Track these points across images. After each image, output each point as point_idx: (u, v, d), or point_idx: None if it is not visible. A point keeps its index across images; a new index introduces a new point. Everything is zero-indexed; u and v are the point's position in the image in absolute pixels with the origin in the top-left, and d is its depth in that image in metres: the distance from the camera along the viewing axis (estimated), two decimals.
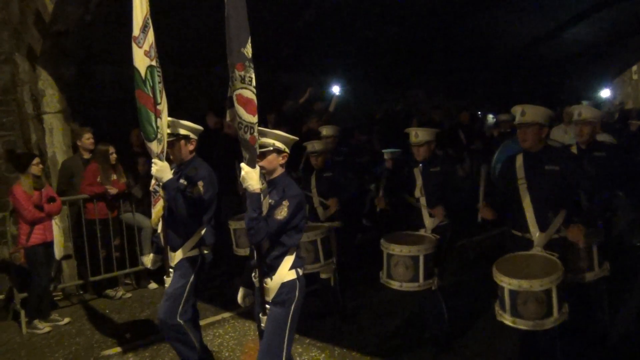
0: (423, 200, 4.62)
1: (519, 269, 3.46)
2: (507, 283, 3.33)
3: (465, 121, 10.21)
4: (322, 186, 5.33)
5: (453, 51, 10.99)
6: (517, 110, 3.84)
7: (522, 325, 3.34)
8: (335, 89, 9.21)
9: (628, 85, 19.82)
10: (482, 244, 7.52)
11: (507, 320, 3.39)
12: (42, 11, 6.15)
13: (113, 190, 6.33)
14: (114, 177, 6.41)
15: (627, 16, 12.17)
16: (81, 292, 6.61)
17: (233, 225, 5.39)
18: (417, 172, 4.70)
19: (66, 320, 5.75)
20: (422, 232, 4.58)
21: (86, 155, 6.51)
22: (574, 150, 4.88)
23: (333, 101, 8.95)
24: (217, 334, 5.23)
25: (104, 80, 7.26)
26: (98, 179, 6.27)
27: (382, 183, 5.04)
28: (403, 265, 4.22)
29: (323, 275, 5.22)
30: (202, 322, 5.40)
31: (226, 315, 5.64)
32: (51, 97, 6.71)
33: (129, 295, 6.53)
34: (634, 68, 19.16)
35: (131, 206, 6.63)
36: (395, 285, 4.30)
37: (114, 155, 6.39)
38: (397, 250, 4.24)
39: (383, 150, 7.94)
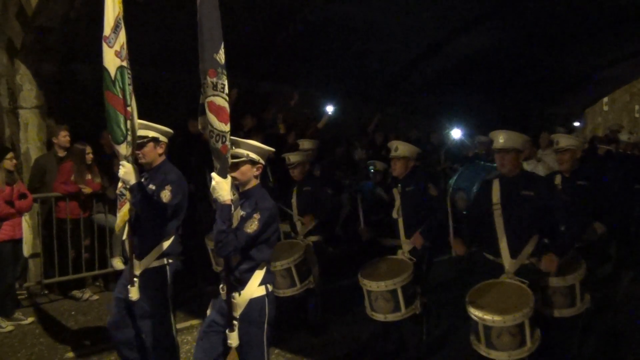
0: (401, 222, 4.65)
1: (492, 302, 3.52)
2: (480, 318, 3.41)
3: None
4: (302, 200, 5.35)
5: (436, 70, 11.19)
6: (495, 135, 3.91)
7: (496, 356, 3.41)
8: (329, 108, 9.24)
9: (599, 116, 20.39)
10: (455, 264, 7.57)
11: (483, 351, 3.48)
12: (24, 5, 6.07)
13: (87, 190, 6.24)
14: (89, 176, 6.32)
15: (603, 49, 12.60)
16: (46, 292, 6.45)
17: (211, 244, 5.37)
18: (396, 192, 4.74)
19: (30, 319, 5.62)
20: (399, 254, 4.61)
21: (61, 153, 6.41)
22: (559, 179, 4.91)
23: (324, 118, 9.00)
24: (186, 340, 5.17)
25: (85, 79, 7.15)
26: (72, 178, 6.18)
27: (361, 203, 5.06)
28: (382, 299, 4.27)
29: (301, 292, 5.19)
30: None
31: (195, 322, 5.57)
32: (29, 92, 6.59)
33: (96, 297, 6.40)
34: (605, 100, 19.74)
35: (104, 207, 6.53)
36: (380, 317, 4.36)
37: (90, 156, 6.31)
38: (375, 286, 4.28)
39: (369, 162, 7.94)
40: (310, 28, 8.56)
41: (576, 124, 13.41)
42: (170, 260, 3.85)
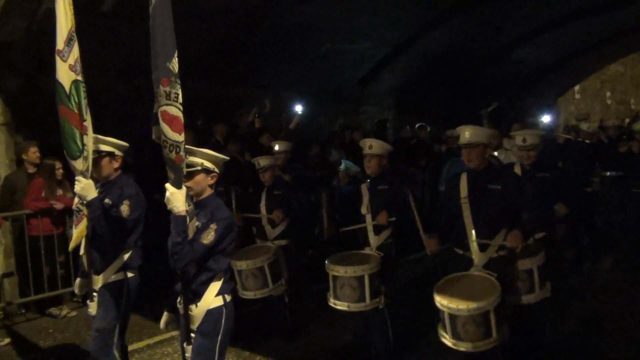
0: (369, 218, 4.64)
1: (458, 292, 3.54)
2: (446, 307, 3.43)
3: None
4: (271, 204, 5.31)
5: (407, 67, 11.26)
6: (462, 130, 3.94)
7: (462, 347, 3.42)
8: (298, 108, 9.23)
9: (571, 105, 20.69)
10: (428, 261, 7.63)
11: (449, 341, 3.49)
12: None
13: (59, 206, 6.16)
14: (60, 192, 6.24)
15: (570, 38, 12.78)
16: (23, 311, 6.35)
17: None
18: (364, 189, 4.73)
19: (6, 340, 5.54)
20: (367, 250, 4.61)
21: (31, 170, 6.32)
22: (518, 169, 4.98)
23: (295, 119, 9.00)
24: (166, 352, 5.15)
25: (52, 93, 7.04)
26: (43, 194, 6.09)
27: (325, 204, 5.06)
28: (349, 286, 4.24)
29: (272, 293, 5.19)
30: (150, 341, 5.37)
31: (175, 333, 5.49)
32: None
33: (73, 313, 6.32)
34: (577, 88, 20.03)
35: None
36: (342, 306, 4.32)
37: (60, 171, 6.22)
38: (342, 271, 4.26)
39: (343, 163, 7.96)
40: (280, 31, 8.54)
41: (546, 118, 13.45)
42: (129, 274, 3.84)
